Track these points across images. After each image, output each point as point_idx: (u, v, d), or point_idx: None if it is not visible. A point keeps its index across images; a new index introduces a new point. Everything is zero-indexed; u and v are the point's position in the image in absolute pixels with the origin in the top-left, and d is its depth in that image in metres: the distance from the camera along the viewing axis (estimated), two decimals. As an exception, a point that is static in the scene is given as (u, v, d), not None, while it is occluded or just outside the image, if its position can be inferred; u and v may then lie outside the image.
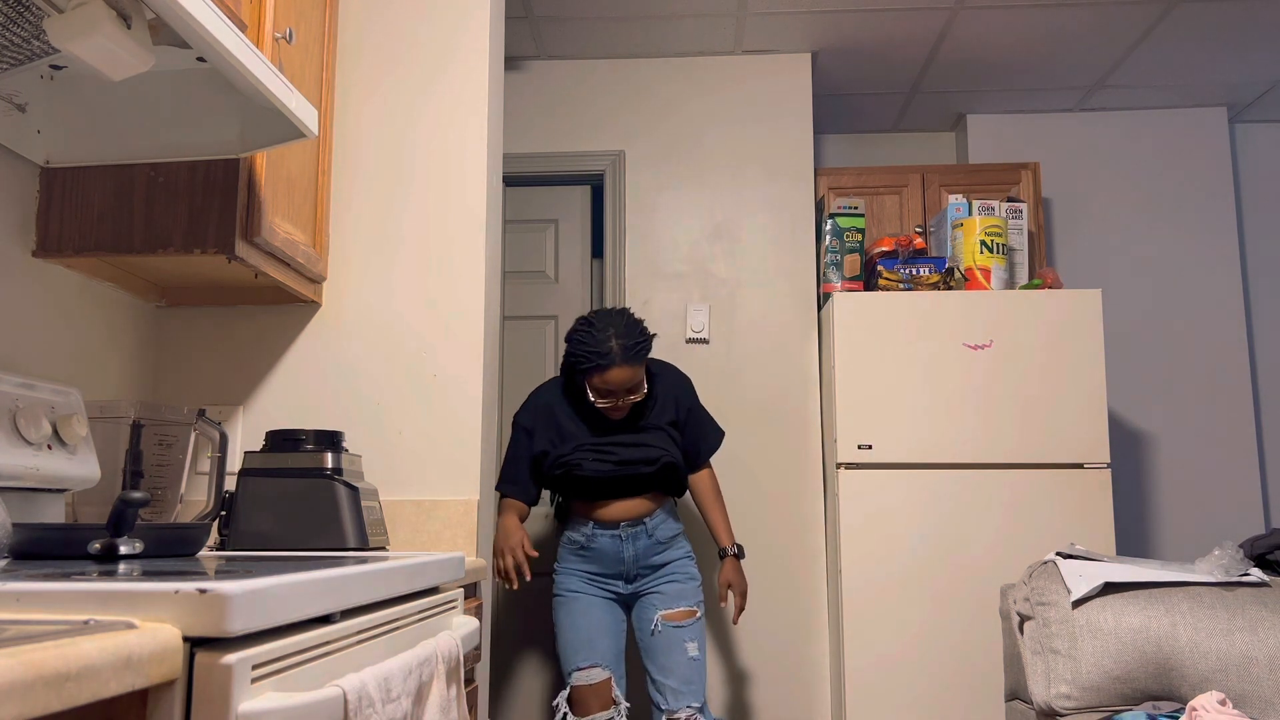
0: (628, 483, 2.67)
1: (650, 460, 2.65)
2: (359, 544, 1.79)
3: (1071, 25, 3.51)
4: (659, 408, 2.71)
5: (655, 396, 2.72)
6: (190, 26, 1.29)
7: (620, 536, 2.69)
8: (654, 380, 2.74)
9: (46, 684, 0.60)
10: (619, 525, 2.69)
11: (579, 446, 2.64)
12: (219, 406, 2.19)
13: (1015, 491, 3.10)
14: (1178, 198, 4.16)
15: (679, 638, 2.64)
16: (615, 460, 2.64)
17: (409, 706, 1.08)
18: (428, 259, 2.23)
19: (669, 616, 2.66)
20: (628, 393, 2.57)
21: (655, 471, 2.66)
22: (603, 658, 2.65)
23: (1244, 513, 3.98)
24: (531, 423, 2.72)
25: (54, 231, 1.79)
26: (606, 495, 2.68)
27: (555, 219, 3.82)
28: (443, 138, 2.27)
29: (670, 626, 2.65)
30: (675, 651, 2.63)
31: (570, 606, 2.70)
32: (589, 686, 2.62)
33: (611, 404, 2.57)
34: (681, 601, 2.68)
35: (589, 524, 2.70)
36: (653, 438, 2.67)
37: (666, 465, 2.67)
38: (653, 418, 2.70)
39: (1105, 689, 2.31)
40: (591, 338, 2.51)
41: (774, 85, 3.75)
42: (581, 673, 2.63)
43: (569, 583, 2.73)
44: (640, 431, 2.67)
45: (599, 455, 2.64)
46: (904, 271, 3.28)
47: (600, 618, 2.69)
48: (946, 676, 3.06)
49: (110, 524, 1.21)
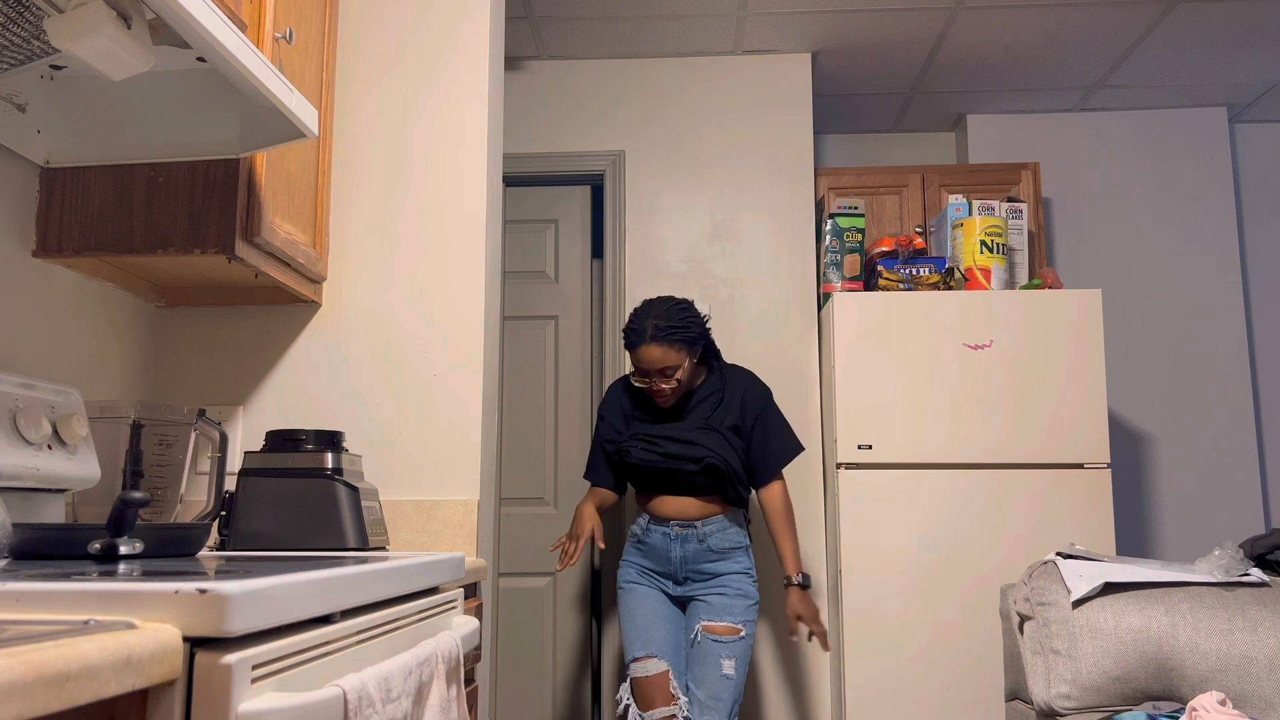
0: (674, 479, 2.66)
1: (695, 459, 2.62)
2: (359, 544, 1.79)
3: (1071, 25, 3.51)
4: (723, 409, 2.69)
5: (723, 399, 2.70)
6: (190, 26, 1.29)
7: (670, 535, 2.69)
8: (725, 383, 2.73)
9: (47, 684, 0.60)
10: (669, 523, 2.69)
11: (634, 435, 2.70)
12: (219, 406, 2.19)
13: (1015, 491, 3.10)
14: (1178, 198, 4.16)
15: (716, 652, 2.60)
16: (660, 453, 2.65)
17: (409, 706, 1.08)
18: (428, 258, 2.23)
19: (710, 629, 2.62)
20: (661, 374, 2.58)
21: (700, 471, 2.62)
22: (660, 649, 2.63)
23: (1244, 513, 3.98)
24: (606, 410, 2.81)
25: (54, 231, 1.79)
26: (657, 489, 2.70)
27: (555, 219, 3.82)
28: (442, 137, 2.27)
29: (709, 639, 2.61)
30: (710, 665, 2.59)
31: (628, 598, 2.72)
32: (647, 678, 2.60)
33: (647, 385, 2.63)
34: (727, 616, 2.62)
35: (645, 517, 2.74)
36: (706, 437, 2.64)
37: (710, 467, 2.62)
38: (715, 419, 2.67)
39: (1105, 689, 2.31)
40: (636, 316, 2.61)
41: (774, 85, 3.75)
42: (639, 663, 2.62)
43: (627, 574, 2.76)
44: (698, 430, 2.65)
45: (647, 445, 2.67)
46: (904, 271, 3.28)
47: (657, 609, 2.68)
48: (947, 676, 3.06)
49: (110, 524, 1.21)
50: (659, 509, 2.70)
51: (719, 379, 2.73)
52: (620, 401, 2.79)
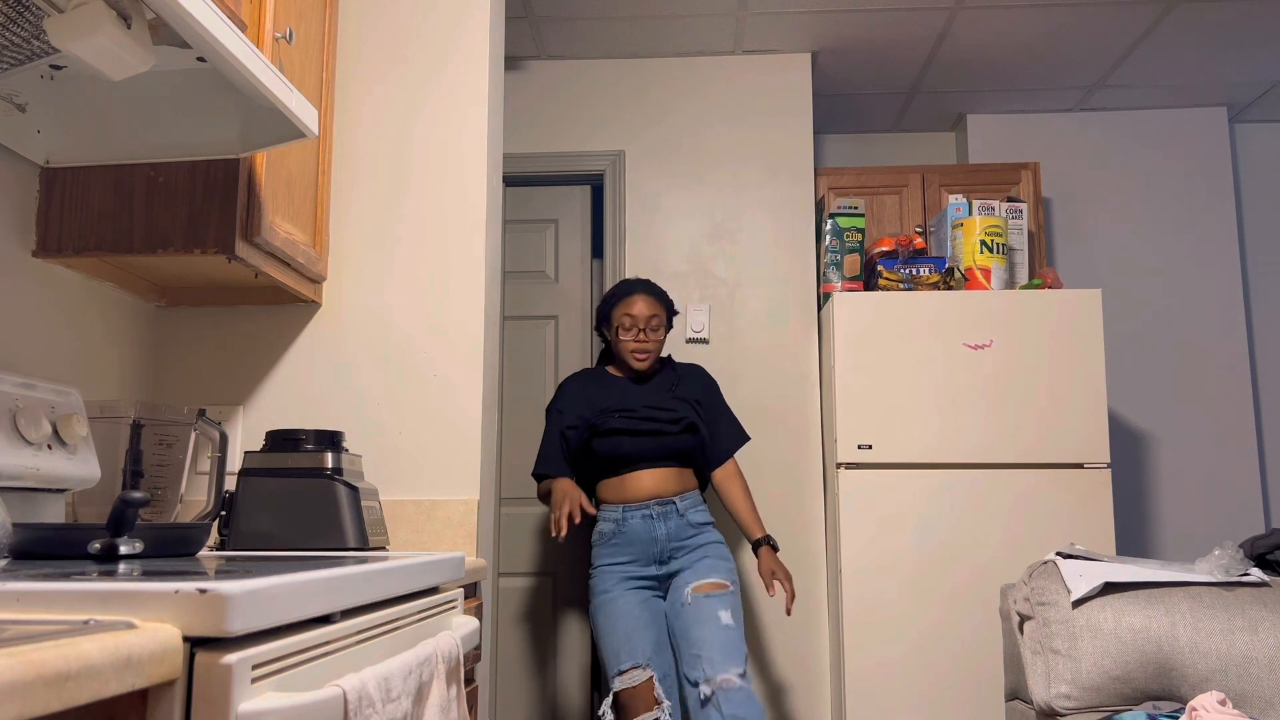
0: (653, 449, 2.72)
1: (675, 420, 2.73)
2: (359, 544, 1.79)
3: (1071, 25, 3.51)
4: (683, 386, 2.85)
5: (680, 380, 2.87)
6: (190, 26, 1.29)
7: (651, 515, 2.71)
8: (679, 370, 2.90)
9: (47, 684, 0.60)
10: (649, 505, 2.72)
11: (605, 410, 2.74)
12: (219, 406, 2.19)
13: (1015, 491, 3.10)
14: (1178, 198, 4.16)
15: (710, 607, 2.60)
16: (641, 417, 2.72)
17: (409, 706, 1.08)
18: (428, 259, 2.23)
19: (699, 588, 2.64)
20: (649, 326, 2.76)
21: (681, 431, 2.73)
22: (643, 655, 2.59)
23: (1244, 513, 3.98)
24: (561, 404, 2.83)
25: (54, 231, 1.79)
26: (634, 463, 2.72)
27: (555, 219, 3.82)
28: (443, 137, 2.27)
29: (701, 597, 2.62)
30: (708, 622, 2.57)
31: (607, 609, 2.68)
32: (632, 689, 2.56)
33: (634, 337, 2.76)
34: (713, 575, 2.67)
35: (618, 508, 2.73)
36: (677, 404, 2.78)
37: (691, 425, 2.74)
38: (680, 391, 2.83)
39: (1105, 689, 2.31)
40: (620, 282, 2.87)
41: (774, 85, 3.75)
42: (623, 676, 2.58)
43: (602, 583, 2.71)
44: (669, 398, 2.79)
45: (625, 413, 2.74)
46: (904, 271, 3.28)
47: (637, 614, 2.65)
48: (946, 676, 3.06)
49: (110, 524, 1.21)
50: (635, 490, 2.72)
51: (672, 370, 2.90)
52: (580, 390, 2.83)
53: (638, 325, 2.77)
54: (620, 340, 2.79)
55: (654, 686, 2.57)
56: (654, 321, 2.78)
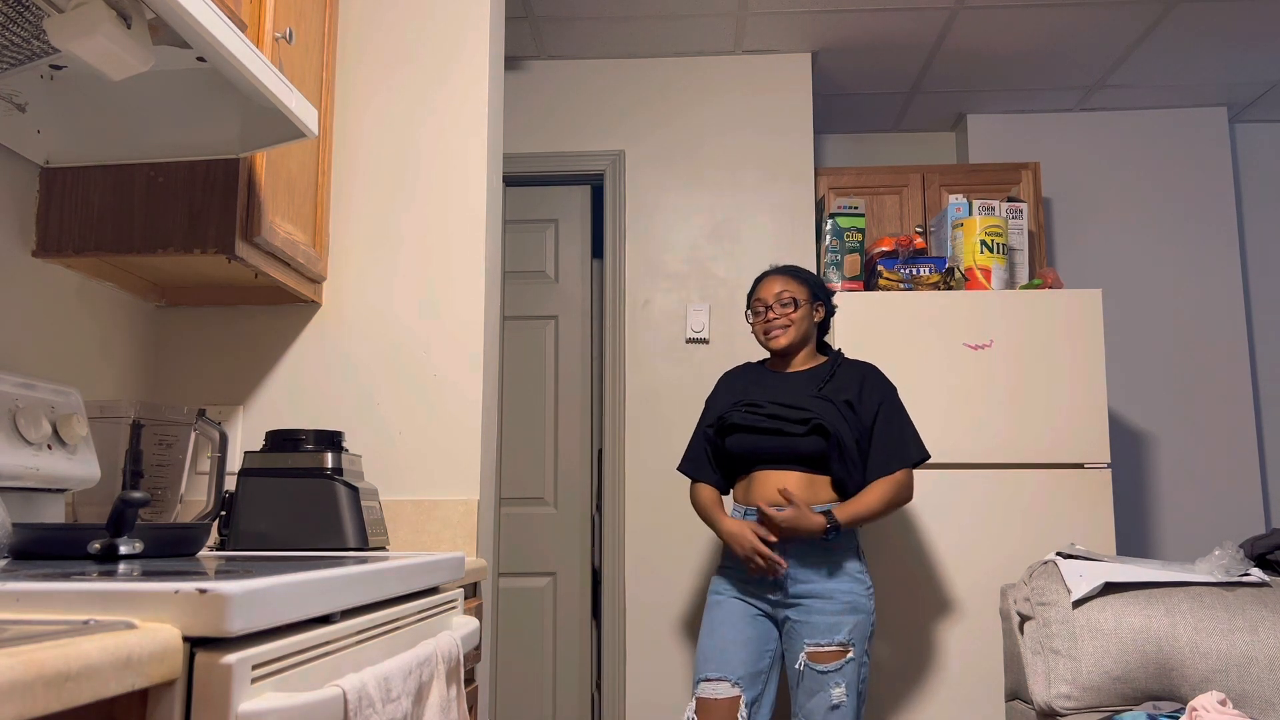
0: (776, 448, 2.44)
1: (802, 420, 2.41)
2: (359, 544, 1.79)
3: (1071, 25, 3.51)
4: (835, 384, 2.51)
5: (835, 374, 2.53)
6: (190, 26, 1.29)
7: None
8: (840, 365, 2.57)
9: (47, 684, 0.60)
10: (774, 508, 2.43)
11: (738, 403, 2.54)
12: (219, 406, 2.19)
13: (1015, 491, 3.10)
14: (1178, 198, 4.16)
15: (823, 683, 2.35)
16: (764, 413, 2.47)
17: (409, 706, 1.08)
18: (428, 259, 2.23)
19: (814, 657, 2.36)
20: (778, 302, 2.54)
21: (806, 433, 2.40)
22: (734, 673, 2.39)
23: (1244, 513, 3.98)
24: (711, 397, 2.68)
25: (54, 231, 1.79)
26: (757, 464, 2.47)
27: (555, 219, 3.83)
28: (443, 137, 2.27)
29: (814, 670, 2.36)
30: (818, 697, 2.35)
31: (713, 612, 2.49)
32: (715, 701, 2.37)
33: (761, 320, 2.56)
34: (834, 635, 2.36)
35: (742, 511, 2.49)
36: (817, 404, 2.45)
37: (818, 427, 2.40)
38: (828, 390, 2.49)
39: (1105, 689, 2.31)
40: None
41: (774, 85, 3.75)
42: (709, 684, 2.39)
43: (719, 585, 2.53)
44: (808, 397, 2.48)
45: (751, 408, 2.49)
46: (904, 271, 3.28)
47: (742, 629, 2.43)
48: (946, 676, 3.06)
49: (110, 524, 1.21)
50: (760, 493, 2.45)
51: (833, 364, 2.58)
52: (729, 383, 2.66)
53: (765, 303, 2.56)
54: (754, 327, 2.60)
55: (740, 709, 2.36)
56: (783, 296, 2.54)
